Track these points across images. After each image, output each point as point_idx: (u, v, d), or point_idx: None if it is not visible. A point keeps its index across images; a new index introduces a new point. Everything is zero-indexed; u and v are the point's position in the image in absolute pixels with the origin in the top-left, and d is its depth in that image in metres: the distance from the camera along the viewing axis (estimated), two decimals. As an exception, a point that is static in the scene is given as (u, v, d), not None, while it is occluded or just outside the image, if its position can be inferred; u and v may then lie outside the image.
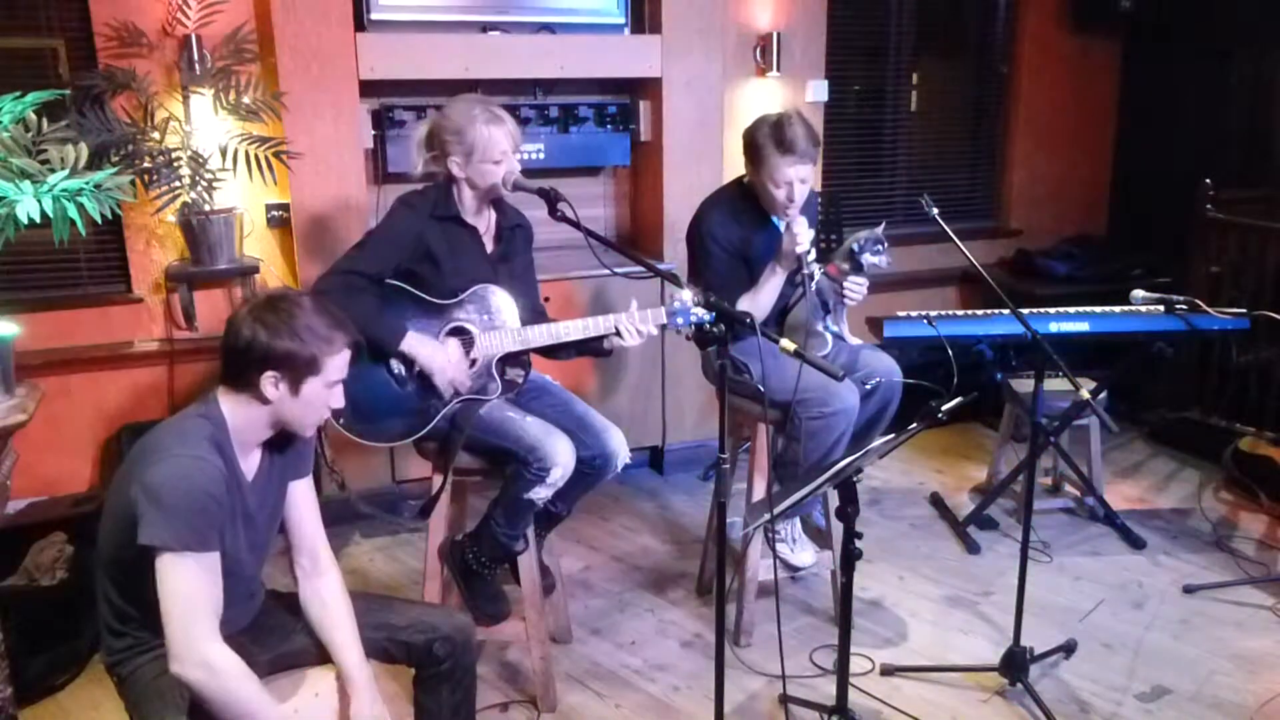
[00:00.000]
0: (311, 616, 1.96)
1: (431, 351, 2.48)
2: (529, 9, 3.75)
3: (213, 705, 1.68)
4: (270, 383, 1.76)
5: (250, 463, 1.86)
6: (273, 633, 1.96)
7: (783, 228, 2.81)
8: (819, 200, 2.93)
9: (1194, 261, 4.14)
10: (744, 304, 2.78)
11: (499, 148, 2.49)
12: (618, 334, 2.50)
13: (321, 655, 1.95)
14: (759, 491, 2.88)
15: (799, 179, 2.76)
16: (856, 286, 2.81)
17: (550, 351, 2.62)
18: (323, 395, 1.82)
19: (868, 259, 2.78)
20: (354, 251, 2.50)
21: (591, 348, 2.60)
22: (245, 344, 1.75)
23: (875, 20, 4.70)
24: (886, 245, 2.80)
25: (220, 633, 1.79)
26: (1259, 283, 3.94)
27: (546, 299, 2.79)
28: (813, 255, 2.74)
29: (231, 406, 1.80)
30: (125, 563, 1.70)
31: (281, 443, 1.91)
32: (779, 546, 2.97)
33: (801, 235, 2.69)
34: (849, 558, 2.17)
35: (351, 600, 1.99)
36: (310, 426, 1.87)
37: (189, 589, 1.67)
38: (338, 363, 1.82)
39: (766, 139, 2.74)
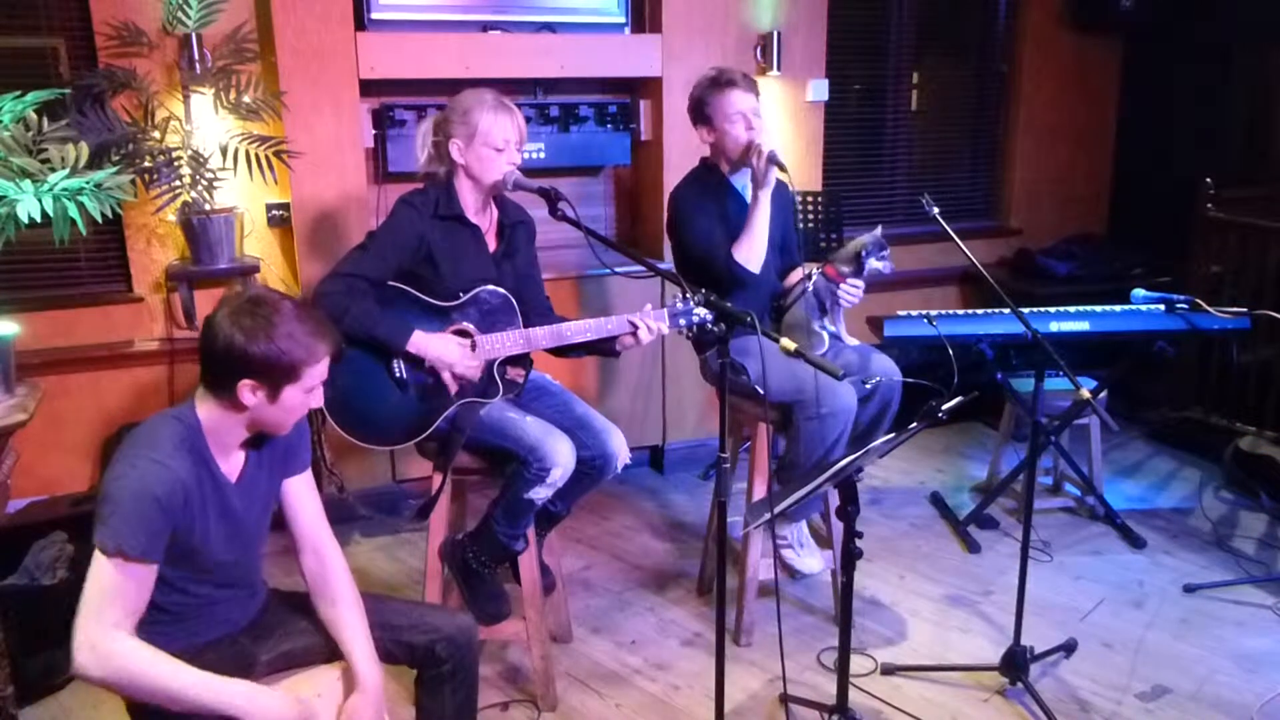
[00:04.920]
0: (322, 614, 1.95)
1: (441, 346, 2.48)
2: (529, 8, 3.75)
3: (127, 692, 1.66)
4: (248, 390, 1.72)
5: (232, 463, 1.84)
6: (274, 632, 1.95)
7: (748, 190, 2.86)
8: (819, 199, 2.93)
9: (1195, 261, 4.14)
10: (739, 248, 2.81)
11: (502, 135, 2.48)
12: (634, 332, 2.50)
13: (325, 654, 1.95)
14: (759, 491, 2.88)
15: (749, 110, 2.86)
16: (854, 290, 2.82)
17: (560, 350, 2.62)
18: (301, 400, 1.79)
19: (872, 264, 2.78)
20: (356, 253, 2.49)
21: (601, 347, 2.60)
22: (223, 349, 1.70)
23: (875, 19, 4.70)
24: (889, 251, 2.81)
25: (220, 632, 1.78)
26: (1260, 282, 3.94)
27: (546, 298, 2.79)
28: (782, 157, 2.81)
29: (208, 410, 1.77)
30: None
31: (266, 442, 1.88)
32: (786, 553, 2.97)
33: (765, 144, 2.78)
34: (849, 557, 2.17)
35: None
36: (287, 427, 1.84)
37: (104, 589, 1.64)
38: (318, 371, 1.78)
39: (706, 89, 2.90)
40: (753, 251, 2.81)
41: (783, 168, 2.78)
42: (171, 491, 1.68)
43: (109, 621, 1.64)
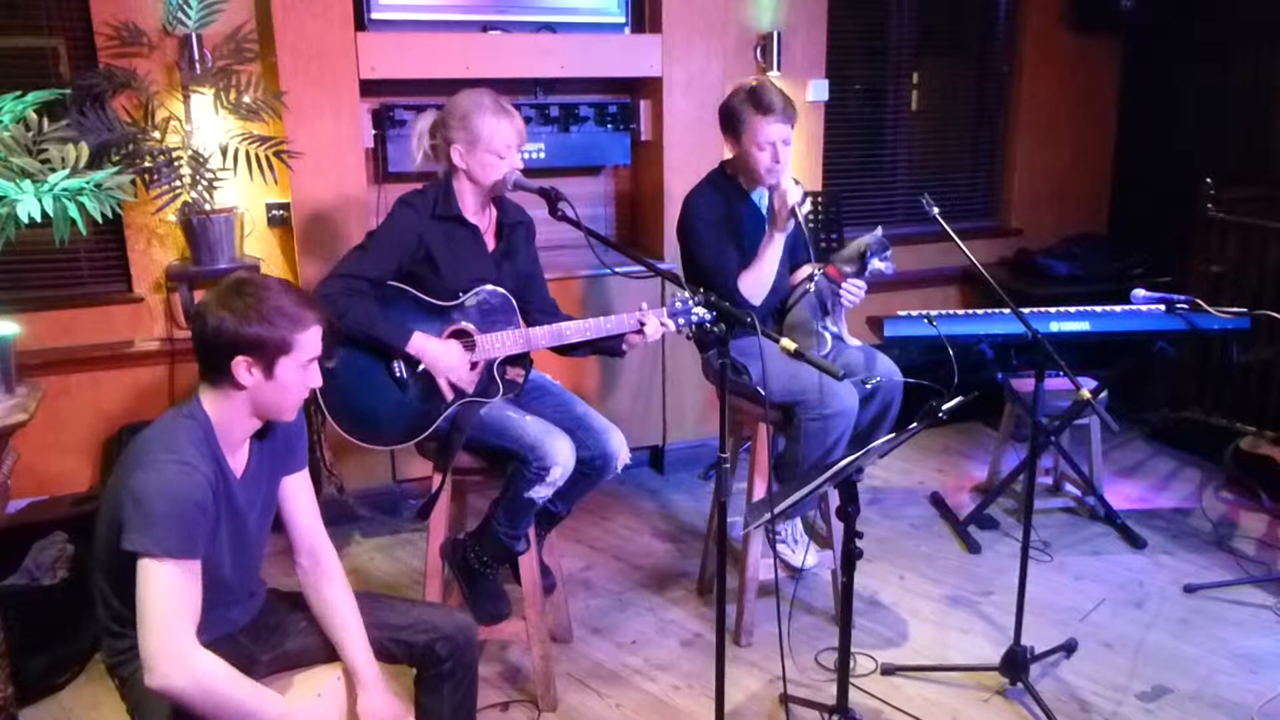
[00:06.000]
0: (316, 614, 1.96)
1: (438, 351, 2.48)
2: (529, 8, 3.75)
3: (201, 712, 1.66)
4: (243, 368, 1.73)
5: (238, 459, 1.85)
6: (274, 632, 1.96)
7: (765, 201, 2.82)
8: (819, 199, 2.93)
9: (1195, 261, 4.14)
10: (746, 279, 2.79)
11: (503, 140, 2.48)
12: (640, 330, 2.50)
13: (324, 654, 1.95)
14: (759, 491, 2.88)
15: (781, 139, 2.79)
16: (856, 290, 2.82)
17: (565, 349, 2.62)
18: (298, 375, 1.79)
19: (875, 265, 2.78)
20: (355, 254, 2.49)
21: (606, 347, 2.60)
22: (214, 332, 1.72)
23: (875, 20, 4.70)
24: (891, 251, 2.81)
25: (219, 632, 1.79)
26: (1259, 282, 3.93)
27: (551, 298, 2.79)
28: (806, 208, 2.75)
29: (212, 402, 1.78)
30: (120, 567, 1.69)
31: (269, 434, 1.89)
32: (780, 548, 2.97)
33: (790, 192, 2.71)
34: (849, 557, 2.17)
35: None
36: (290, 410, 1.84)
37: (167, 596, 1.64)
38: (309, 340, 1.78)
39: (744, 104, 2.79)
40: (759, 285, 2.80)
41: (799, 222, 2.72)
42: (203, 493, 1.70)
43: (184, 633, 1.65)
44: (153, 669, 1.62)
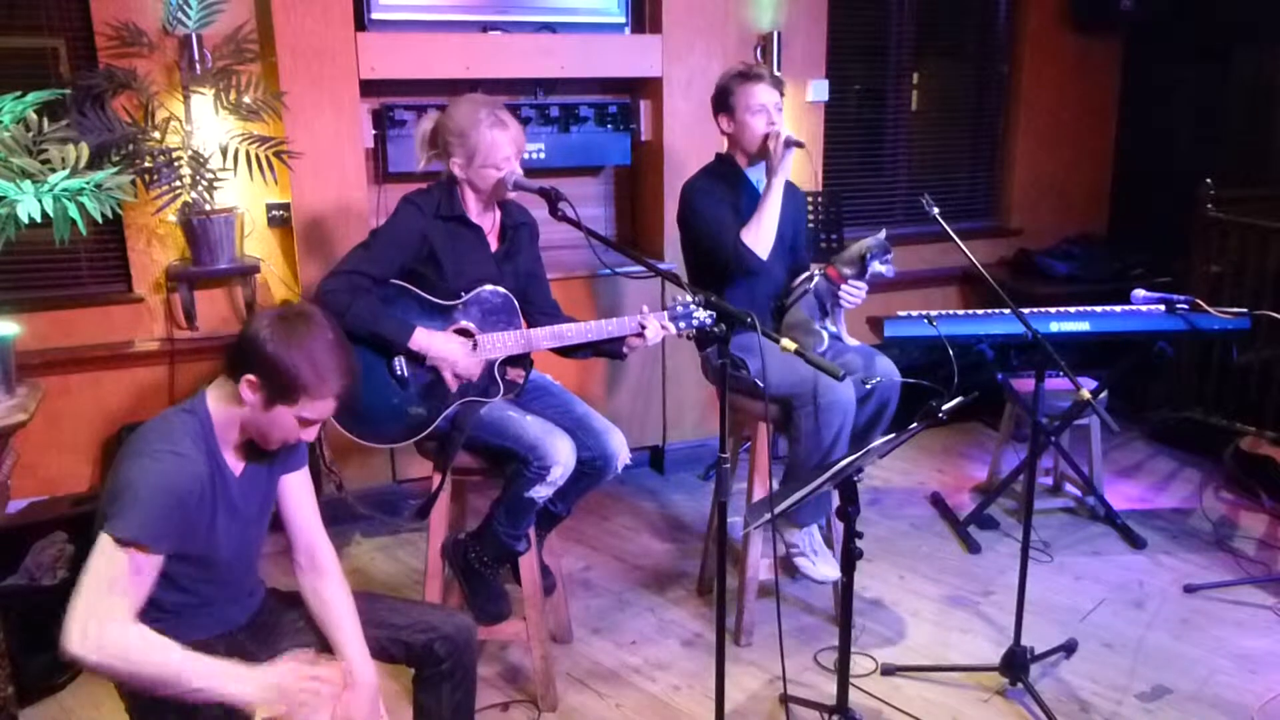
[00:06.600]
0: (313, 613, 1.96)
1: (443, 344, 2.48)
2: (530, 8, 3.75)
3: (120, 676, 1.63)
4: (248, 386, 1.73)
5: (237, 456, 1.85)
6: (272, 631, 1.96)
7: (764, 182, 2.86)
8: (819, 199, 2.93)
9: (1195, 261, 4.14)
10: (749, 231, 2.82)
11: (501, 153, 2.48)
12: (640, 333, 2.50)
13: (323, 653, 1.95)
14: (759, 491, 2.88)
15: (773, 104, 2.87)
16: (855, 291, 2.83)
17: (567, 350, 2.63)
18: (290, 425, 1.78)
19: (875, 267, 2.79)
20: (359, 251, 2.50)
21: (607, 349, 2.60)
22: (248, 340, 1.73)
23: (875, 20, 4.70)
24: (892, 254, 2.82)
25: (218, 630, 1.79)
26: (1259, 282, 3.93)
27: (554, 299, 2.79)
28: (799, 138, 2.82)
29: (216, 399, 1.79)
30: None
31: None
32: (800, 561, 2.91)
33: (782, 131, 2.81)
34: (849, 557, 2.17)
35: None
36: (272, 443, 1.83)
37: (109, 576, 1.61)
38: (316, 405, 1.78)
39: (733, 78, 2.91)
40: (761, 236, 2.82)
41: (800, 144, 2.80)
42: (191, 486, 1.70)
43: (108, 610, 1.62)
44: (66, 636, 1.57)
